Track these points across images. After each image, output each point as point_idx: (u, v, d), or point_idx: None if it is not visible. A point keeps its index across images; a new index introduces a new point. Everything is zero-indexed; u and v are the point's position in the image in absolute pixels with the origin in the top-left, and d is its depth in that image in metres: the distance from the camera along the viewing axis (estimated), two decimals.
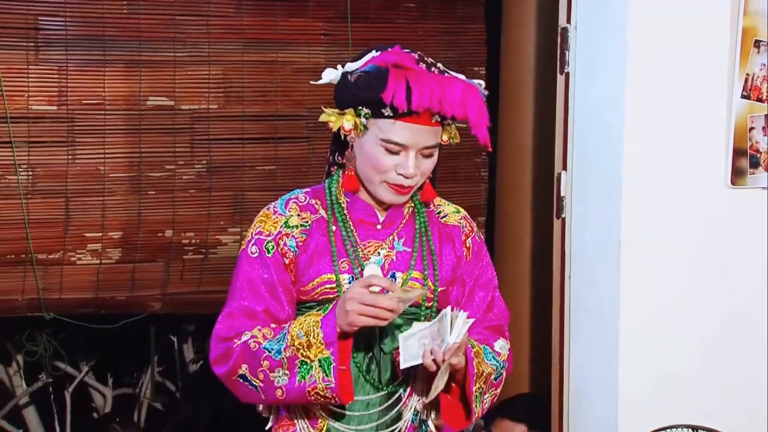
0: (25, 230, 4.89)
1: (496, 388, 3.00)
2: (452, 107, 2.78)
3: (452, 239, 3.01)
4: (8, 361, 5.47)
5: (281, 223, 2.93)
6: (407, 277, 2.91)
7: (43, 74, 4.88)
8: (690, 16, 3.96)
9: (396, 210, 2.96)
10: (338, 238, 2.92)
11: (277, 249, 2.91)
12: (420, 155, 2.82)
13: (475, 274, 3.03)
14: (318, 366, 2.77)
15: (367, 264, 2.89)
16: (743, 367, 4.13)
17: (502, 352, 3.00)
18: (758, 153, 4.04)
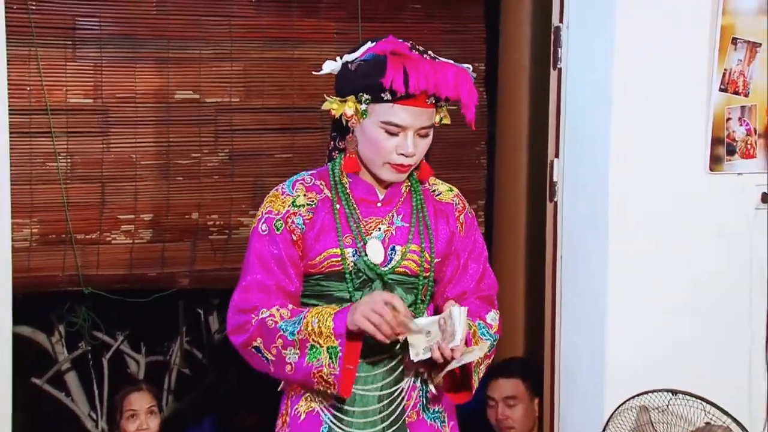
0: (64, 213, 4.89)
1: (489, 358, 3.03)
2: (446, 89, 2.80)
3: (446, 215, 3.04)
4: (51, 331, 5.49)
5: (289, 203, 2.96)
6: (406, 250, 2.93)
7: (80, 70, 4.88)
8: (672, 16, 3.99)
9: (394, 189, 2.98)
10: (342, 215, 2.94)
11: (286, 227, 2.94)
12: (417, 135, 2.85)
13: (468, 248, 3.06)
14: (326, 352, 2.80)
15: (369, 239, 2.91)
16: (722, 336, 4.16)
17: (494, 324, 3.04)
18: (734, 141, 4.07)
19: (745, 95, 4.06)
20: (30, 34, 4.69)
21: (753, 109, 4.09)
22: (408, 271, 2.94)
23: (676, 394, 3.86)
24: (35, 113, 4.78)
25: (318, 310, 2.85)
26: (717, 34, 3.98)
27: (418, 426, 2.99)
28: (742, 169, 4.11)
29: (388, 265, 2.93)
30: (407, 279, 2.94)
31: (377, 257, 2.92)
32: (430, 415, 3.03)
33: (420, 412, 3.01)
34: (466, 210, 3.11)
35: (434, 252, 2.97)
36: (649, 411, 3.91)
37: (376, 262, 2.91)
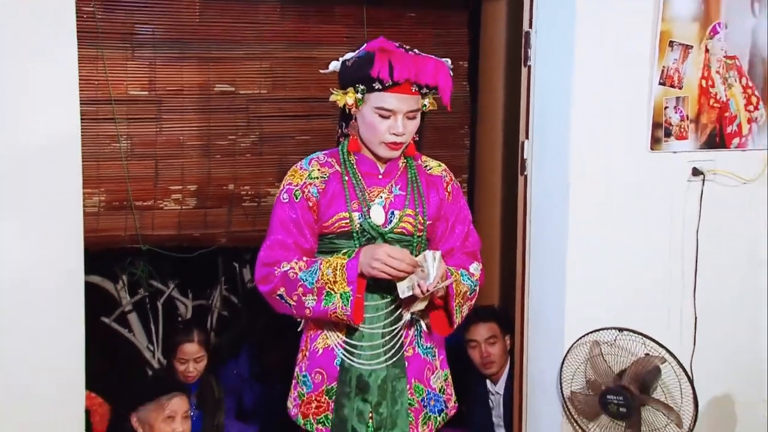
0: (125, 184, 4.92)
1: (471, 300, 3.06)
2: (426, 77, 2.86)
3: (436, 186, 3.07)
4: (116, 280, 5.52)
5: (306, 176, 3.01)
6: (403, 214, 2.98)
7: (138, 68, 4.89)
8: (621, 23, 4.00)
9: (392, 164, 3.02)
10: (350, 185, 2.98)
11: (303, 195, 2.98)
12: (406, 118, 2.89)
13: (455, 213, 3.10)
14: (339, 297, 2.85)
15: (373, 204, 2.97)
16: (659, 284, 4.21)
17: (476, 273, 3.07)
18: (671, 126, 4.09)
19: (680, 88, 4.07)
20: (97, 38, 4.71)
21: (686, 100, 4.10)
22: (404, 231, 2.98)
23: (621, 331, 3.93)
24: (101, 103, 4.79)
25: (329, 262, 2.89)
26: (657, 38, 4.00)
27: (413, 359, 3.03)
28: (676, 148, 4.12)
29: (388, 226, 2.97)
30: (404, 237, 2.97)
31: (379, 219, 2.95)
32: (423, 350, 3.07)
33: (416, 347, 3.05)
34: (453, 181, 3.13)
35: (426, 215, 3.00)
36: (600, 345, 3.94)
37: (379, 224, 2.95)
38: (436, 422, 3.11)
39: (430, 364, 3.11)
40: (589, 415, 3.99)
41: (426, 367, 3.09)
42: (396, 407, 3.00)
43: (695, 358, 4.14)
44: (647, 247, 4.19)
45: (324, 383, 3.03)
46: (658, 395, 3.88)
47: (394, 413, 2.99)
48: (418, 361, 3.05)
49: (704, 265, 4.21)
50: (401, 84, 2.86)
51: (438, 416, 3.12)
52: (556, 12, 4.04)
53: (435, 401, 3.12)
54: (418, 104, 2.94)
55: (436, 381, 3.13)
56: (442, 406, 3.14)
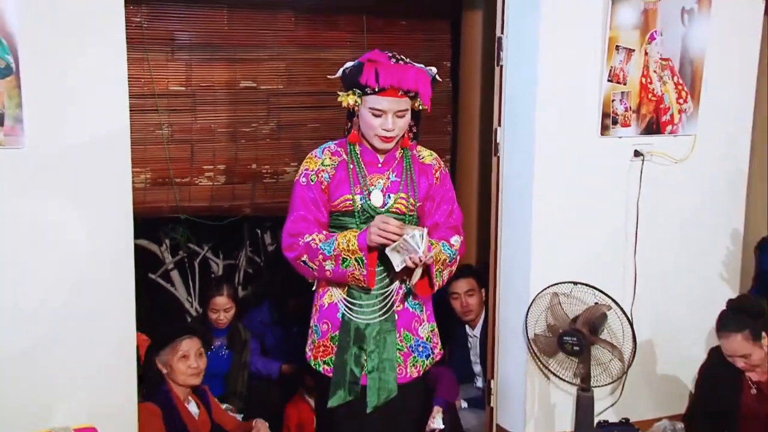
0: (167, 164, 4.94)
1: (450, 266, 3.05)
2: (407, 83, 2.86)
3: (426, 172, 3.05)
4: (160, 243, 5.49)
5: (319, 163, 3.02)
6: (397, 197, 2.99)
7: (176, 68, 4.90)
8: (577, 30, 4.03)
9: (390, 155, 3.02)
10: (354, 173, 2.99)
11: (318, 179, 3.00)
12: (395, 116, 2.90)
13: (441, 194, 3.07)
14: (355, 261, 2.87)
15: (372, 189, 2.98)
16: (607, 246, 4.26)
17: (456, 244, 3.04)
18: (617, 115, 4.12)
19: (624, 84, 4.12)
20: (143, 43, 4.72)
21: (629, 94, 4.14)
22: (398, 211, 2.99)
23: (576, 284, 3.99)
24: (147, 97, 4.80)
25: (344, 234, 2.91)
26: (606, 43, 4.03)
27: (403, 313, 3.05)
28: (621, 134, 4.17)
29: (385, 207, 2.98)
30: (398, 216, 2.97)
31: (378, 202, 2.97)
32: (412, 306, 3.07)
33: (405, 304, 3.06)
34: (441, 168, 3.11)
35: (417, 198, 3.02)
36: (558, 296, 4.00)
37: (377, 205, 2.97)
38: (423, 365, 3.10)
39: (417, 317, 3.10)
40: (549, 353, 4.04)
41: (414, 320, 3.08)
42: (386, 354, 3.00)
43: (635, 306, 4.21)
44: (598, 216, 4.23)
45: (329, 332, 3.05)
46: (604, 336, 3.93)
47: (384, 359, 3.00)
48: (407, 315, 3.06)
49: (643, 230, 4.26)
50: (389, 89, 2.87)
51: (425, 360, 3.11)
52: (524, 21, 4.06)
53: (422, 348, 3.10)
54: (406, 105, 2.93)
55: (423, 331, 3.11)
56: (428, 352, 3.12)
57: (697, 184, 4.42)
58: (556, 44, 4.01)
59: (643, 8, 4.10)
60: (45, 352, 3.32)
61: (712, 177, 4.47)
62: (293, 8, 5.11)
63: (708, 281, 4.57)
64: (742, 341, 3.66)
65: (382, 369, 2.99)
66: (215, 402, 3.98)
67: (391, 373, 2.99)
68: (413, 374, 3.05)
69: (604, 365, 3.95)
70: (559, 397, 4.26)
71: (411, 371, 3.04)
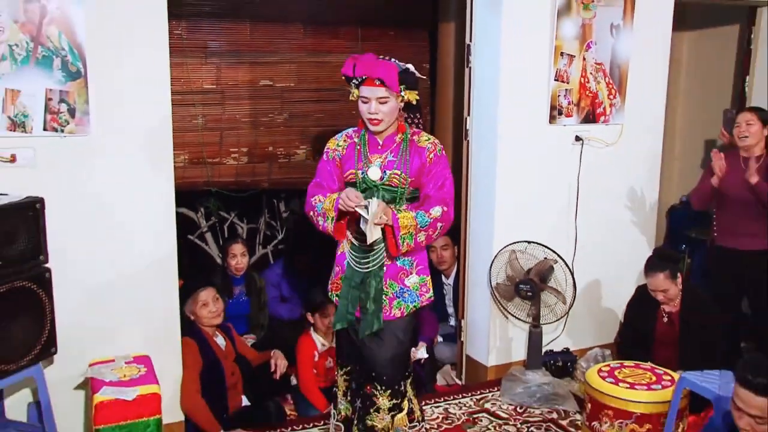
0: (201, 148, 4.97)
1: (426, 231, 2.90)
2: (376, 74, 2.80)
3: (420, 154, 2.94)
4: (196, 211, 5.45)
5: (336, 144, 3.03)
6: (392, 173, 2.92)
7: (209, 70, 4.92)
8: (530, 40, 4.01)
9: (390, 139, 2.96)
10: (359, 153, 2.96)
11: (334, 155, 3.02)
12: (378, 102, 2.84)
13: (434, 171, 2.95)
14: (330, 219, 2.90)
15: (371, 165, 2.93)
16: (554, 214, 4.24)
17: (435, 213, 2.89)
18: (561, 108, 4.13)
19: (567, 83, 4.12)
20: (183, 51, 4.74)
21: (571, 91, 4.15)
22: (392, 185, 2.93)
23: (530, 243, 4.02)
24: (185, 93, 4.82)
25: (330, 197, 2.91)
26: (552, 50, 4.04)
27: (391, 266, 2.99)
28: (565, 123, 4.18)
29: (382, 180, 2.92)
30: (392, 188, 2.93)
31: (375, 176, 2.91)
32: (401, 261, 3.00)
33: (393, 259, 2.99)
34: (436, 150, 2.96)
35: (409, 174, 2.93)
36: (515, 252, 4.02)
37: (374, 179, 2.91)
38: (408, 308, 3.03)
39: (405, 270, 3.03)
40: (507, 298, 4.06)
41: (401, 272, 3.02)
42: (373, 295, 2.98)
43: (575, 260, 4.24)
44: (547, 188, 4.24)
45: (340, 273, 3.06)
46: (551, 284, 3.96)
47: (372, 299, 2.98)
48: (394, 268, 3.00)
49: (582, 199, 4.28)
50: (368, 80, 2.83)
51: (410, 305, 3.03)
52: (488, 32, 4.04)
53: (408, 294, 3.03)
54: (385, 93, 2.84)
55: (410, 281, 3.05)
56: (414, 299, 3.04)
57: (623, 163, 4.43)
58: (514, 50, 3.99)
59: (582, 23, 4.10)
60: (109, 296, 3.34)
61: (635, 157, 4.48)
62: (303, 21, 5.11)
63: (632, 239, 4.59)
64: (663, 279, 3.76)
65: (371, 308, 2.98)
66: (238, 336, 3.99)
67: (378, 312, 2.98)
68: (396, 314, 3.01)
69: (551, 307, 3.99)
70: (515, 333, 4.28)
71: (395, 312, 3.01)
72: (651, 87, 4.47)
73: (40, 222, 2.87)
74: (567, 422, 3.78)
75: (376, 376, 3.02)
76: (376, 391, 3.03)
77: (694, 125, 5.90)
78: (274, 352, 4.01)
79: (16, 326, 2.79)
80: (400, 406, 3.07)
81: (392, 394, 3.04)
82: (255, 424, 3.63)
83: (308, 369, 3.97)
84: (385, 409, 3.05)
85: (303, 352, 4.02)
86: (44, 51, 3.02)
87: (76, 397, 3.32)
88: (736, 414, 2.36)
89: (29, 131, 3.05)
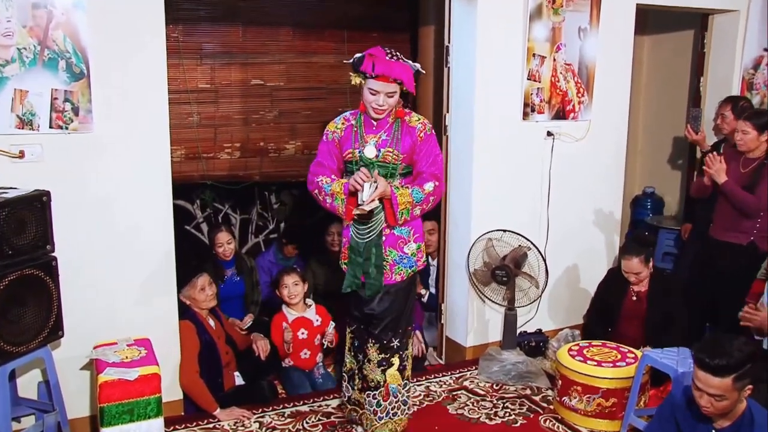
0: (196, 143, 4.95)
1: (421, 205, 3.03)
2: (394, 74, 2.89)
3: (411, 133, 3.03)
4: (192, 202, 5.41)
5: (335, 127, 3.11)
6: (385, 151, 3.01)
7: (204, 70, 4.91)
8: (504, 41, 3.98)
9: (383, 121, 3.03)
10: (356, 134, 3.05)
11: (333, 137, 3.09)
12: (386, 96, 2.94)
13: (425, 149, 3.04)
14: (340, 201, 2.99)
15: (367, 145, 3.03)
16: (527, 204, 4.26)
17: (428, 188, 3.01)
18: (534, 105, 4.14)
19: (539, 82, 4.14)
20: (179, 52, 4.73)
21: (542, 89, 4.17)
22: (386, 161, 3.02)
23: (505, 231, 4.03)
24: (181, 92, 4.82)
25: (339, 181, 3.02)
26: (525, 51, 4.07)
27: (390, 236, 3.10)
28: (538, 119, 4.20)
29: (377, 157, 3.01)
30: (386, 165, 3.02)
31: (371, 154, 3.01)
32: (398, 231, 3.10)
33: (392, 229, 3.09)
34: (425, 129, 3.04)
35: (400, 151, 3.01)
36: (492, 240, 4.04)
37: (370, 157, 3.01)
38: (407, 273, 3.13)
39: (403, 238, 3.11)
40: (484, 283, 4.08)
41: (399, 240, 3.11)
42: (375, 262, 3.07)
43: (548, 247, 4.28)
44: (521, 180, 4.26)
45: (347, 243, 3.16)
46: (525, 269, 3.98)
47: (374, 265, 3.08)
48: (393, 237, 3.10)
49: (554, 191, 4.32)
50: (381, 76, 2.90)
51: (409, 269, 3.14)
52: (465, 35, 4.05)
53: (406, 260, 3.13)
54: (395, 88, 2.93)
55: (409, 249, 3.14)
56: (412, 264, 3.14)
57: (591, 156, 4.46)
58: (489, 52, 4.01)
59: (552, 26, 4.13)
60: (111, 283, 3.35)
61: (602, 151, 4.51)
62: (291, 25, 5.10)
63: (598, 227, 4.62)
64: (638, 263, 3.84)
65: (373, 273, 3.09)
66: (224, 316, 4.01)
67: (379, 276, 3.09)
68: (396, 279, 3.13)
69: (525, 291, 4.02)
70: (491, 315, 4.31)
71: (395, 277, 3.13)
72: (616, 86, 4.50)
73: (47, 213, 2.89)
74: (540, 398, 3.84)
75: (370, 331, 3.17)
76: (368, 345, 3.19)
77: (655, 121, 5.98)
78: (254, 335, 4.01)
79: (26, 311, 2.82)
80: (389, 360, 3.19)
81: (381, 348, 3.17)
82: (249, 401, 3.66)
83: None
84: (374, 362, 3.19)
85: (274, 325, 4.04)
86: (50, 53, 3.03)
87: (82, 377, 3.33)
88: (696, 393, 2.41)
89: (36, 129, 3.06)
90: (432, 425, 3.50)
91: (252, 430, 3.45)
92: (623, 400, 3.43)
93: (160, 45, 3.28)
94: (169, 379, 3.46)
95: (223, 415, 3.52)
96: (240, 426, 3.49)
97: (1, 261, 2.70)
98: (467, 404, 3.74)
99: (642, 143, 6.09)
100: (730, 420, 2.43)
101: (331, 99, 5.28)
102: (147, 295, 3.43)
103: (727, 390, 2.33)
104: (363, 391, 3.29)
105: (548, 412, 3.66)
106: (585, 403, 3.49)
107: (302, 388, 3.91)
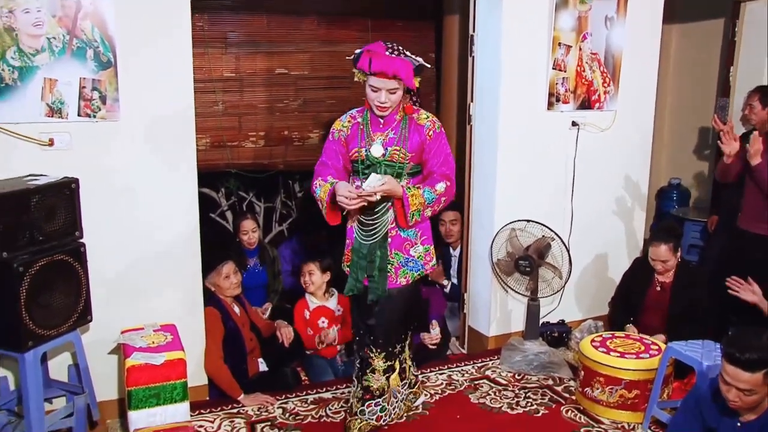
0: (221, 132, 4.95)
1: (432, 206, 2.98)
2: (393, 71, 2.81)
3: (419, 131, 2.97)
4: (217, 191, 5.45)
5: (341, 125, 3.06)
6: (392, 149, 2.95)
7: (229, 59, 4.90)
8: (530, 31, 4.00)
9: (390, 118, 2.98)
10: (362, 132, 3.00)
11: (340, 135, 3.04)
12: (388, 92, 2.87)
13: (434, 148, 2.98)
14: (324, 207, 2.95)
15: (374, 143, 2.97)
16: (551, 193, 4.24)
17: (440, 189, 2.96)
18: (559, 95, 4.11)
19: (564, 71, 4.12)
20: (204, 41, 4.73)
21: (567, 79, 4.14)
22: (393, 160, 2.96)
23: (529, 221, 4.02)
24: (207, 81, 4.81)
25: (325, 187, 2.94)
26: (551, 41, 4.04)
27: (396, 237, 3.04)
28: (563, 109, 4.18)
29: (384, 156, 2.96)
30: (393, 164, 2.97)
31: (378, 153, 2.96)
32: (405, 233, 3.04)
33: (398, 231, 3.03)
34: (435, 128, 2.98)
35: (408, 150, 2.96)
36: (515, 230, 4.03)
37: (377, 156, 2.95)
38: (413, 276, 3.08)
39: (410, 240, 3.04)
40: (507, 273, 4.07)
41: (405, 243, 3.04)
42: (379, 265, 3.02)
43: (571, 238, 4.27)
44: (545, 170, 4.24)
45: (350, 245, 3.11)
46: (549, 260, 3.97)
47: (378, 268, 3.02)
48: (399, 239, 3.04)
49: (578, 181, 4.29)
50: (380, 73, 2.83)
51: (415, 273, 3.08)
52: (490, 23, 4.03)
53: (413, 263, 3.06)
54: (396, 84, 2.86)
55: (415, 251, 3.07)
56: (419, 268, 3.09)
57: (616, 147, 4.43)
58: (514, 41, 3.99)
59: (578, 15, 4.10)
60: (138, 269, 3.38)
61: (627, 142, 4.48)
62: (316, 13, 5.09)
63: (623, 219, 4.59)
64: (666, 250, 3.83)
65: (376, 276, 3.02)
66: (248, 303, 4.03)
67: (383, 280, 3.02)
68: (402, 282, 3.07)
69: (548, 282, 4.00)
70: (514, 305, 4.31)
71: (400, 280, 3.06)
72: (642, 76, 4.46)
73: (76, 200, 2.92)
74: (561, 388, 3.83)
75: (374, 340, 3.10)
76: (372, 354, 3.11)
77: (682, 112, 5.91)
78: (278, 322, 4.02)
79: (56, 296, 2.86)
80: (393, 367, 3.15)
81: (387, 356, 3.12)
82: (272, 388, 3.69)
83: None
84: (380, 371, 3.14)
85: (296, 313, 4.07)
86: (79, 43, 3.05)
87: (110, 361, 3.38)
88: (724, 387, 2.39)
89: (65, 117, 3.09)
90: (454, 414, 3.51)
91: (275, 415, 3.48)
92: (646, 392, 3.41)
93: (186, 34, 3.29)
94: (195, 364, 3.50)
95: (247, 400, 3.56)
96: (264, 411, 3.52)
97: (32, 247, 2.75)
98: (489, 393, 3.75)
99: (668, 134, 6.02)
100: (757, 414, 2.42)
101: (354, 88, 5.15)
102: (172, 281, 3.46)
103: (757, 384, 2.32)
104: (363, 402, 3.18)
105: (570, 403, 3.65)
106: (607, 394, 3.47)
107: (325, 375, 3.93)
